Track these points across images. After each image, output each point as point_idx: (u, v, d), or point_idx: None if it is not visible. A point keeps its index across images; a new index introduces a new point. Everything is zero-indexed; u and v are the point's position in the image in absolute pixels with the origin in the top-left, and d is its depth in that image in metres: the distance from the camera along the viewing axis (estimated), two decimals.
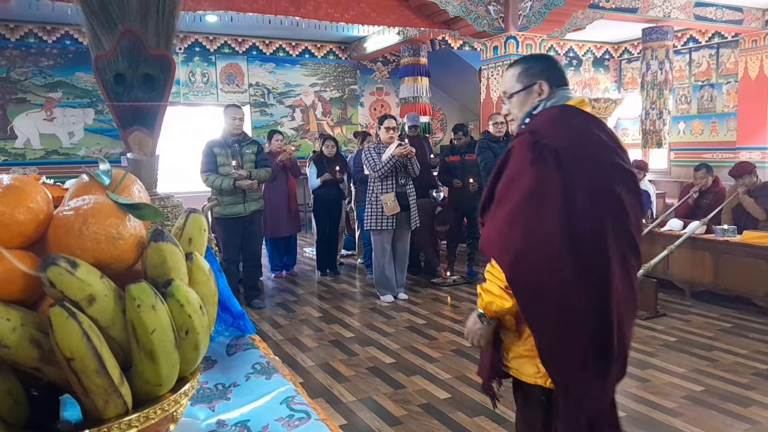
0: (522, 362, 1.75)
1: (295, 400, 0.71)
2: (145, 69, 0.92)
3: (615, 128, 11.39)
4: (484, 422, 3.14)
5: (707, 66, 9.78)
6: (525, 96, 1.73)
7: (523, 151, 1.58)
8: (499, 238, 1.55)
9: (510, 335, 1.75)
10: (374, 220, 5.45)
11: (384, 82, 10.83)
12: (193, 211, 0.64)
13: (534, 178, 1.54)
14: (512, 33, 7.06)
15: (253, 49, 9.97)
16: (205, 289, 0.61)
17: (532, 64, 1.74)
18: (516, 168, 1.58)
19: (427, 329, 4.77)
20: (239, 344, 0.91)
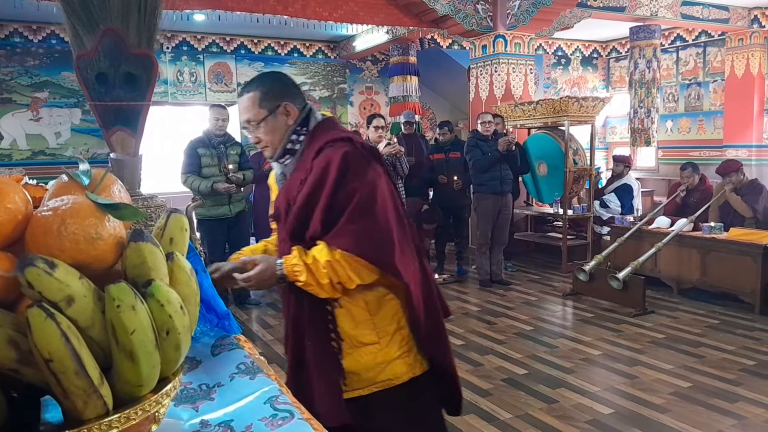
0: (394, 365, 1.68)
1: (279, 400, 0.70)
2: (127, 68, 0.91)
3: (603, 127, 11.46)
4: (475, 420, 3.14)
5: (694, 65, 9.86)
6: (273, 121, 1.69)
7: (357, 159, 1.61)
8: (389, 242, 1.59)
9: (367, 351, 1.66)
10: None
11: (373, 81, 10.81)
12: (175, 211, 0.64)
13: (379, 179, 1.64)
14: (501, 32, 7.08)
15: (241, 48, 9.92)
16: (187, 289, 0.61)
17: (270, 87, 1.70)
18: (359, 177, 1.59)
19: None
20: (224, 344, 0.90)
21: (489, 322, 4.88)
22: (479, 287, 6.07)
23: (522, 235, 7.49)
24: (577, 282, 5.47)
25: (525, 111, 6.74)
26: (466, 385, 3.60)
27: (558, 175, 6.63)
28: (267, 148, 1.73)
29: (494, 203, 5.93)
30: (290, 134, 1.70)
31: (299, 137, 1.70)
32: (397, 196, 1.69)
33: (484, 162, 5.81)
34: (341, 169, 1.56)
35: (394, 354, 1.66)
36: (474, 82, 7.63)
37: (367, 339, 1.65)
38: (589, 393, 3.45)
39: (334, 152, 1.58)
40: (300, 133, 1.70)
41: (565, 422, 3.10)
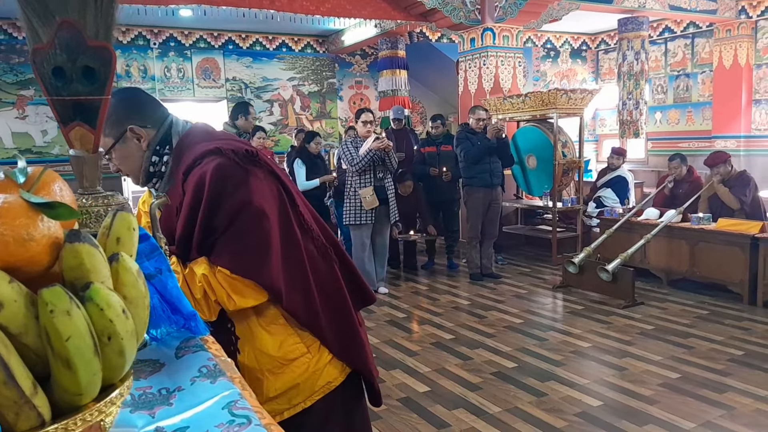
0: (328, 369, 1.59)
1: (237, 405, 0.68)
2: (85, 61, 0.88)
3: (593, 119, 11.46)
4: (463, 415, 3.13)
5: (683, 56, 9.87)
6: (122, 148, 1.55)
7: (229, 173, 1.45)
8: (266, 259, 1.49)
9: (300, 363, 1.56)
10: (353, 215, 5.42)
11: (363, 75, 10.76)
12: (122, 209, 0.61)
13: (258, 187, 1.49)
14: (489, 25, 7.05)
15: (229, 44, 9.84)
16: (134, 291, 0.58)
17: (112, 111, 1.44)
18: (234, 193, 1.45)
19: (407, 323, 4.76)
20: (189, 346, 0.88)
21: (479, 316, 4.87)
22: (470, 281, 6.06)
23: (512, 228, 7.49)
24: (566, 274, 5.47)
25: (514, 104, 6.72)
26: (455, 379, 3.59)
27: (547, 167, 6.62)
28: (129, 176, 1.61)
29: (484, 196, 5.92)
30: (149, 158, 1.56)
31: (161, 158, 1.56)
32: (286, 195, 1.53)
33: (476, 152, 5.79)
34: (213, 189, 1.42)
35: (327, 358, 1.57)
36: (463, 76, 7.60)
37: (296, 353, 1.54)
38: (578, 385, 3.45)
39: (204, 170, 1.44)
40: (161, 153, 1.56)
41: (554, 415, 3.09)
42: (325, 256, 1.59)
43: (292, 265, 1.50)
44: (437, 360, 3.92)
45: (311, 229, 1.57)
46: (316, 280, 1.55)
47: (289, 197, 1.53)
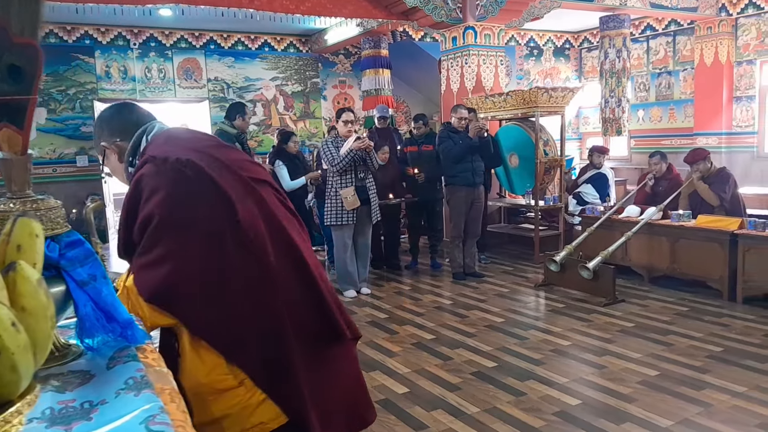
0: (263, 408, 1.44)
1: (156, 420, 0.64)
2: (10, 59, 0.84)
3: (576, 117, 11.50)
4: (441, 416, 3.11)
5: (664, 54, 9.92)
6: (108, 162, 1.67)
7: (157, 176, 1.44)
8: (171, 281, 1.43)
9: (234, 394, 1.44)
10: (334, 215, 5.38)
11: (347, 74, 10.71)
12: (22, 214, 0.58)
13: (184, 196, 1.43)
14: (470, 23, 7.04)
15: (210, 44, 9.76)
16: (33, 302, 0.55)
17: (94, 132, 1.65)
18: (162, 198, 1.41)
19: (389, 323, 4.73)
20: (121, 356, 0.84)
21: (461, 315, 4.85)
22: (453, 280, 6.04)
23: (495, 227, 7.49)
24: (548, 273, 5.47)
25: (495, 102, 6.71)
26: (435, 380, 3.57)
27: (529, 166, 6.62)
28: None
29: (466, 195, 5.90)
30: (126, 168, 1.64)
31: (132, 167, 1.60)
32: (226, 208, 1.42)
33: (457, 151, 5.77)
34: (132, 197, 1.43)
35: (261, 396, 1.42)
36: (445, 75, 7.59)
37: (225, 384, 1.41)
38: (557, 384, 3.44)
39: (134, 178, 1.46)
40: (133, 163, 1.61)
41: (533, 415, 3.08)
42: (267, 279, 1.41)
43: (210, 286, 1.36)
44: (417, 361, 3.90)
45: (256, 247, 1.41)
46: (244, 305, 1.38)
47: (230, 210, 1.40)
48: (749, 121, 8.78)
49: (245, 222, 1.41)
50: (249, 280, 1.39)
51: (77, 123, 9.08)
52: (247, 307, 1.38)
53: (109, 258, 8.01)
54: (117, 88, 9.29)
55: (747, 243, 4.74)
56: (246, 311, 1.39)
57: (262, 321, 1.41)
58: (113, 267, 7.48)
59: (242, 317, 1.38)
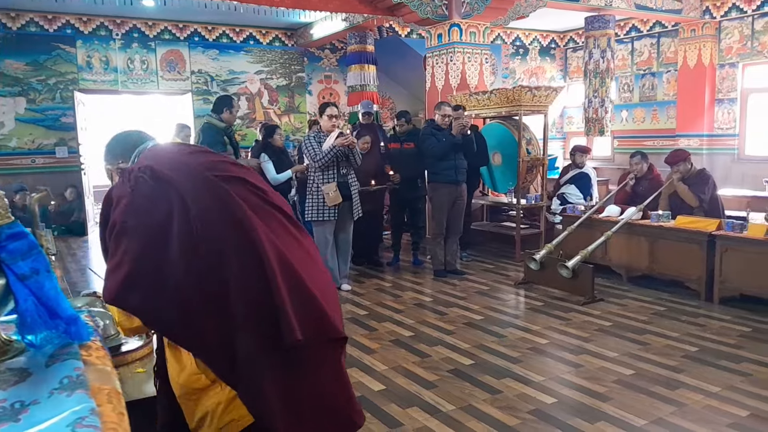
0: (237, 404, 1.47)
1: (84, 422, 0.61)
2: None
3: (561, 117, 11.54)
4: (417, 413, 3.09)
5: (648, 55, 9.99)
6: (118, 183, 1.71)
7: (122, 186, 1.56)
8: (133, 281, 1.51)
9: (211, 394, 1.50)
10: (315, 211, 5.34)
11: (332, 69, 10.66)
12: None
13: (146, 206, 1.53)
14: (456, 20, 7.02)
15: (194, 35, 9.66)
16: None
17: (103, 156, 1.85)
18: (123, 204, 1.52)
19: (368, 320, 4.71)
20: (62, 354, 0.81)
21: (440, 313, 4.85)
22: (434, 277, 6.03)
23: (478, 224, 7.49)
24: (528, 271, 5.48)
25: (480, 100, 6.70)
26: (411, 377, 3.56)
27: (512, 164, 6.63)
28: None
29: (449, 193, 5.89)
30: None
31: None
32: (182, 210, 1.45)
33: (440, 148, 5.75)
34: (103, 209, 1.57)
35: (233, 393, 1.46)
36: (430, 71, 7.57)
37: (199, 384, 1.48)
38: (533, 383, 3.44)
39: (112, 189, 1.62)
40: None
41: (508, 413, 3.07)
42: (220, 276, 1.42)
43: (164, 284, 1.39)
44: (395, 358, 3.88)
45: (209, 245, 1.43)
46: (198, 302, 1.40)
47: (185, 209, 1.44)
48: (730, 123, 8.87)
49: (199, 220, 1.43)
50: (201, 277, 1.39)
51: (57, 114, 8.94)
52: (201, 304, 1.38)
53: (88, 251, 7.91)
54: (98, 79, 9.16)
55: (724, 244, 4.78)
56: (200, 308, 1.38)
57: (218, 318, 1.39)
58: (93, 261, 7.40)
59: (198, 314, 1.38)
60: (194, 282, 1.39)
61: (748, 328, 4.27)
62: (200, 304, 1.38)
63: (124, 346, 2.28)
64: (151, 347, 2.33)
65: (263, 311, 1.43)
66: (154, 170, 1.51)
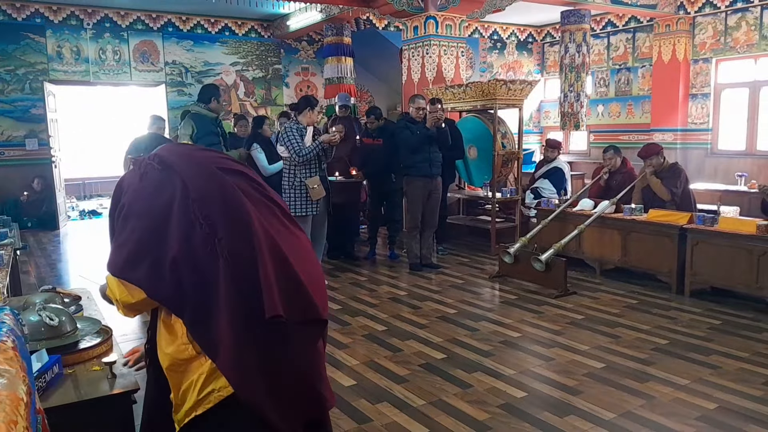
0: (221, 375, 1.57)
1: None
2: None
3: (538, 111, 11.58)
4: (386, 408, 3.07)
5: (624, 50, 10.05)
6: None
7: (133, 174, 1.74)
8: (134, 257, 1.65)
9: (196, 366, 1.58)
10: (300, 206, 5.24)
11: (310, 62, 10.57)
12: None
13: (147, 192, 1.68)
14: (431, 13, 6.98)
15: (168, 26, 9.49)
16: None
17: (130, 149, 2.25)
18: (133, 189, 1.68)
19: (342, 315, 4.67)
20: None
21: (415, 307, 4.83)
22: (409, 271, 6.01)
23: (454, 218, 7.49)
24: (502, 264, 5.49)
25: (455, 94, 6.68)
26: (383, 372, 3.53)
27: (488, 158, 6.62)
28: None
29: (424, 186, 5.86)
30: None
31: None
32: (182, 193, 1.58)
33: (414, 141, 5.72)
34: (116, 192, 1.72)
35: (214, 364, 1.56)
36: (406, 64, 7.52)
37: (186, 354, 1.57)
38: (504, 376, 3.43)
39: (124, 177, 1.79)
40: None
41: (478, 407, 3.06)
42: (215, 256, 1.54)
43: (162, 258, 1.54)
44: (367, 353, 3.85)
45: (209, 228, 1.55)
46: (192, 278, 1.54)
47: (185, 190, 1.58)
48: (704, 118, 8.97)
49: (196, 203, 1.56)
50: (196, 254, 1.54)
51: (27, 105, 8.74)
52: (194, 279, 1.54)
53: (59, 245, 7.74)
54: (69, 70, 8.96)
55: (695, 237, 4.82)
56: (194, 282, 1.54)
57: (208, 292, 1.53)
58: (66, 252, 7.23)
59: (191, 287, 1.53)
60: (190, 259, 1.53)
61: (718, 321, 4.32)
62: (194, 279, 1.53)
63: (82, 343, 2.22)
64: (110, 343, 2.27)
65: (249, 289, 1.52)
66: (162, 158, 1.66)
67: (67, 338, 2.18)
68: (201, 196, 1.57)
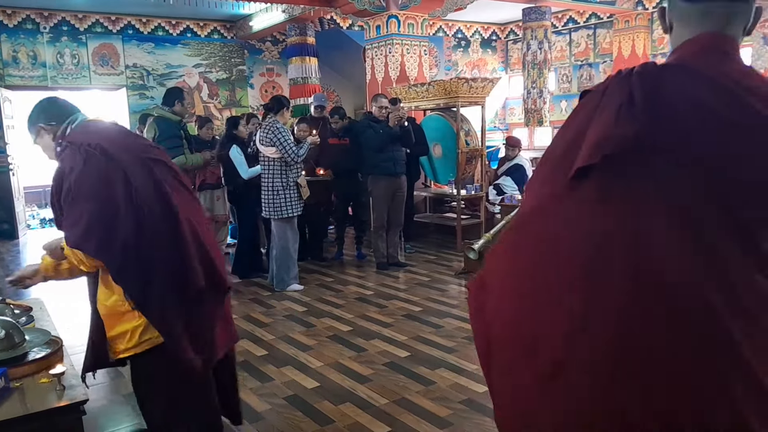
0: (151, 328, 2.03)
1: None
2: None
3: (503, 108, 11.71)
4: (349, 409, 3.07)
5: (585, 46, 10.22)
6: (41, 141, 2.17)
7: (74, 157, 1.99)
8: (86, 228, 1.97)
9: (130, 317, 2.02)
10: (291, 207, 5.21)
11: (274, 62, 10.50)
12: None
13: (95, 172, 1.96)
14: (393, 12, 7.01)
15: (128, 28, 9.33)
16: None
17: (29, 117, 2.18)
18: (77, 173, 1.95)
19: (307, 316, 4.66)
20: None
21: (381, 306, 4.84)
22: (376, 270, 6.03)
23: (421, 216, 7.53)
24: (467, 261, 5.54)
25: (418, 92, 6.71)
26: (346, 372, 3.53)
27: (452, 156, 6.67)
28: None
29: (388, 185, 5.88)
30: (55, 147, 2.13)
31: (59, 147, 2.12)
32: (123, 177, 1.96)
33: (378, 140, 5.74)
34: (58, 173, 1.99)
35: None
36: (370, 63, 7.53)
37: (124, 308, 1.99)
38: (466, 372, 3.47)
39: (59, 160, 2.06)
40: (59, 144, 2.11)
41: (440, 404, 3.09)
42: (146, 231, 1.95)
43: (112, 232, 1.92)
44: (331, 354, 3.85)
45: (144, 208, 1.96)
46: (135, 247, 1.93)
47: (127, 180, 1.96)
48: None
49: (136, 191, 1.95)
50: (138, 232, 1.94)
51: None
52: (136, 253, 1.94)
53: (18, 254, 7.55)
54: (26, 75, 8.76)
55: None
56: (136, 255, 1.94)
57: (145, 264, 1.95)
58: (26, 262, 7.07)
59: (134, 259, 1.93)
60: (134, 236, 1.92)
61: None
62: (136, 252, 1.93)
63: (31, 354, 2.18)
64: (60, 355, 2.23)
65: (176, 262, 1.99)
66: (104, 149, 1.98)
67: (14, 350, 2.14)
68: (140, 186, 1.96)
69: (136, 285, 1.95)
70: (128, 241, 1.91)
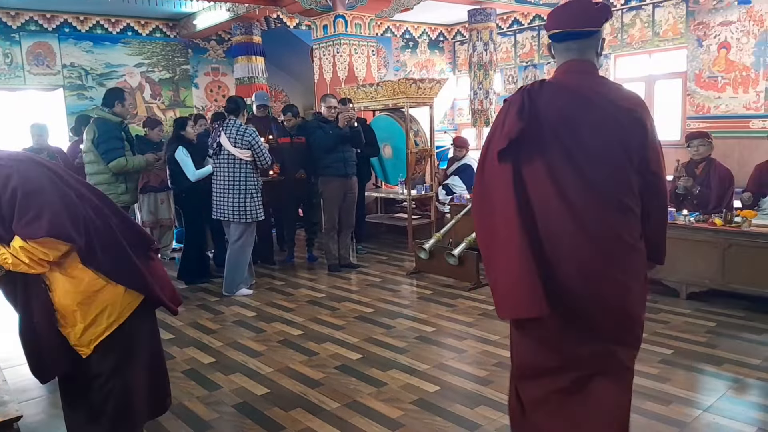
0: (129, 293, 2.35)
1: None
2: None
3: (451, 109, 11.82)
4: (300, 415, 3.03)
5: (530, 47, 10.43)
6: None
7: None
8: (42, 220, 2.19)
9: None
10: (256, 211, 5.13)
11: (220, 62, 10.26)
12: None
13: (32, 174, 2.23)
14: (340, 12, 6.96)
15: (65, 26, 8.94)
16: None
17: None
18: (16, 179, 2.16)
19: (257, 321, 4.57)
20: None
21: (332, 308, 4.80)
22: (328, 273, 5.98)
23: (373, 217, 7.52)
24: (419, 260, 5.56)
25: (367, 93, 6.70)
26: (297, 377, 3.48)
27: (402, 156, 6.69)
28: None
29: (339, 186, 5.84)
30: None
31: None
32: (57, 177, 2.21)
33: (327, 141, 5.68)
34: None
35: (122, 288, 2.31)
36: (318, 63, 7.47)
37: (98, 286, 2.26)
38: (417, 372, 3.47)
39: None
40: None
41: (391, 405, 3.08)
42: (100, 214, 2.27)
43: (71, 216, 2.13)
44: (281, 359, 3.78)
45: (86, 196, 2.27)
46: (94, 226, 2.20)
47: (60, 178, 2.22)
48: None
49: (67, 179, 2.26)
50: (87, 213, 2.21)
51: None
52: (96, 231, 2.22)
53: None
54: None
55: None
56: (96, 233, 2.21)
57: (108, 238, 2.26)
58: None
59: (96, 236, 2.20)
60: (84, 215, 2.19)
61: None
62: (96, 231, 2.21)
63: None
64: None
65: (126, 227, 2.38)
66: (27, 155, 2.29)
67: None
68: (66, 177, 2.28)
69: (106, 259, 2.21)
70: (88, 219, 2.17)
